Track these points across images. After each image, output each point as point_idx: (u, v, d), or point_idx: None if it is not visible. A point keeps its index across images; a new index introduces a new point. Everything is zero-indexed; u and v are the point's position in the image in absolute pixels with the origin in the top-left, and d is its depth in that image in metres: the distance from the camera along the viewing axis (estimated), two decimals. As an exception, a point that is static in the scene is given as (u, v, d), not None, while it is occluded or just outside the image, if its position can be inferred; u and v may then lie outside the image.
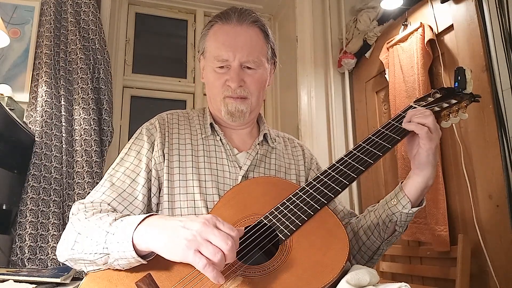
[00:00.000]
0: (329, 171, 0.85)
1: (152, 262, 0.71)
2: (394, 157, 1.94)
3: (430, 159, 0.85)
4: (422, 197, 0.89)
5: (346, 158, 0.86)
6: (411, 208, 0.87)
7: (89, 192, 1.76)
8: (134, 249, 0.68)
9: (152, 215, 0.73)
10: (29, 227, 1.66)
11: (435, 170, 0.87)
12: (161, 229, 0.68)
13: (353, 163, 0.84)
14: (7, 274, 1.11)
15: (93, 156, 1.87)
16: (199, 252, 0.62)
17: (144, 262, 0.70)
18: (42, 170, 1.76)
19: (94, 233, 0.74)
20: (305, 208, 0.78)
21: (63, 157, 1.83)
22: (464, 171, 1.54)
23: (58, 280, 1.09)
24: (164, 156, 0.93)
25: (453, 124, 1.14)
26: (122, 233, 0.70)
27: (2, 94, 1.71)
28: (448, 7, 1.69)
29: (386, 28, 2.14)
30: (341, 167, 0.84)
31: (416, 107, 0.92)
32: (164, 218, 0.71)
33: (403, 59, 1.88)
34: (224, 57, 0.94)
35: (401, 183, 0.90)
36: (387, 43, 2.02)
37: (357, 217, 1.02)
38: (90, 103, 1.94)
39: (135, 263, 0.71)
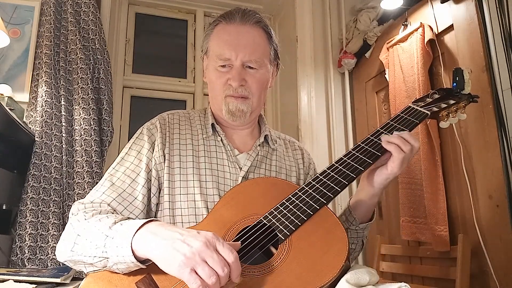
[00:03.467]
0: (329, 171, 0.85)
1: (152, 263, 0.71)
2: (394, 157, 1.94)
3: (386, 183, 0.87)
4: (369, 213, 0.94)
5: (345, 159, 0.86)
6: (359, 224, 0.92)
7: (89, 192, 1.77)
8: (133, 254, 0.68)
9: (152, 220, 0.73)
10: (29, 227, 1.66)
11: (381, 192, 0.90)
12: (160, 238, 0.67)
13: (352, 163, 0.84)
14: (7, 274, 1.11)
15: (93, 156, 1.87)
16: (195, 272, 0.62)
17: (143, 266, 0.70)
18: (42, 170, 1.77)
19: (94, 236, 0.73)
20: (304, 208, 0.78)
21: (63, 157, 1.83)
22: (464, 171, 1.54)
23: (58, 280, 1.09)
24: (164, 156, 0.93)
25: (453, 124, 1.14)
26: (121, 238, 0.70)
27: (2, 94, 1.71)
28: (448, 7, 1.69)
29: (386, 28, 2.14)
30: (340, 167, 0.84)
31: (415, 108, 0.92)
32: (164, 226, 0.71)
33: (403, 59, 1.88)
34: (226, 56, 0.94)
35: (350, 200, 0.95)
36: (387, 43, 2.02)
37: None
38: (90, 103, 1.94)
39: (134, 268, 0.71)
